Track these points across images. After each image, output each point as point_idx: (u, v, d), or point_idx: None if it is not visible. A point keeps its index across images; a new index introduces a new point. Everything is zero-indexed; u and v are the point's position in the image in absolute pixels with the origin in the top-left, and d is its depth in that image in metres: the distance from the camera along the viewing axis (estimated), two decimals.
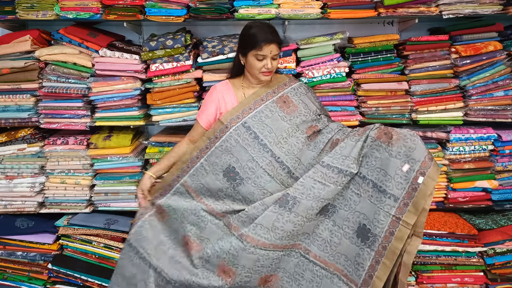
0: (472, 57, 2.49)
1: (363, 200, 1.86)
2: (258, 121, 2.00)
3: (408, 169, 1.79)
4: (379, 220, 1.80)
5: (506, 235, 2.50)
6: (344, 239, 1.88)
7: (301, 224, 1.88)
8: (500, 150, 2.58)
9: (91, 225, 2.61)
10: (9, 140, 2.58)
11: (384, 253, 1.79)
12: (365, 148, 1.88)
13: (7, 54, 2.55)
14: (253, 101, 2.04)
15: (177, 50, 2.49)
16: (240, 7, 2.47)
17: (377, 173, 1.84)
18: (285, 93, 2.08)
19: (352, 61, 2.57)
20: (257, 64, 2.00)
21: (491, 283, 2.55)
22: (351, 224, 1.88)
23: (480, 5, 2.47)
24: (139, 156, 2.68)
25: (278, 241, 1.88)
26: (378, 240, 1.80)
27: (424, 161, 1.79)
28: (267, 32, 1.98)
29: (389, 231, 1.79)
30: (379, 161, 1.84)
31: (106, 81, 2.53)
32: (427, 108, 2.57)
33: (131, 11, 2.47)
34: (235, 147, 1.98)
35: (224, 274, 1.91)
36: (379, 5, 2.49)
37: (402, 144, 1.81)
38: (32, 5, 2.49)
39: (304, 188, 1.88)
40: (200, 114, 2.15)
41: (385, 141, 1.84)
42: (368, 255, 1.82)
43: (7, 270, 2.69)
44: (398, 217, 1.78)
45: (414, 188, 1.78)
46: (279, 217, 1.87)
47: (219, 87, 2.15)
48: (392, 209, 1.79)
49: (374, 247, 1.81)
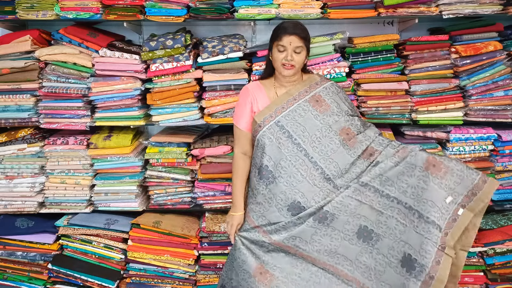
0: (472, 57, 2.49)
1: (409, 230, 1.89)
2: (292, 120, 2.02)
3: (451, 201, 1.85)
4: (427, 250, 1.83)
5: (506, 235, 2.50)
6: (388, 268, 1.91)
7: (338, 239, 1.95)
8: (500, 150, 2.58)
9: (91, 225, 2.61)
10: (9, 140, 2.58)
11: (431, 283, 1.81)
12: (407, 174, 1.92)
13: (7, 54, 2.55)
14: (285, 100, 2.06)
15: (177, 50, 2.49)
16: (240, 7, 2.47)
17: (423, 204, 1.87)
18: (317, 92, 2.08)
19: (352, 61, 2.57)
20: (278, 56, 2.01)
21: (491, 283, 2.55)
22: (395, 253, 1.91)
23: (480, 5, 2.47)
24: (139, 156, 2.68)
25: (315, 253, 1.97)
26: (425, 270, 1.82)
27: (466, 195, 1.85)
28: (290, 25, 2.02)
29: (436, 261, 1.82)
30: (426, 192, 1.87)
31: (106, 81, 2.53)
32: (427, 108, 2.57)
33: (131, 11, 2.47)
34: (268, 146, 2.01)
35: (260, 276, 2.00)
36: (379, 5, 2.49)
37: (450, 178, 1.87)
38: (32, 5, 2.49)
39: (341, 205, 1.95)
40: (237, 119, 2.13)
41: (433, 172, 1.88)
42: (414, 285, 1.83)
43: (7, 270, 2.69)
44: (443, 246, 1.82)
45: (454, 219, 1.84)
46: (317, 231, 1.96)
47: (251, 87, 2.15)
48: (438, 239, 1.83)
49: (420, 277, 1.83)
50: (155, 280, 2.66)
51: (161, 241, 2.60)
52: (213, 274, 2.66)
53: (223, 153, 2.59)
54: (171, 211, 2.74)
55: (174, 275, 2.64)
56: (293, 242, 1.99)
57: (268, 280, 1.99)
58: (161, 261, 2.61)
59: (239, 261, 2.05)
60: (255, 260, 2.02)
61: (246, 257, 2.03)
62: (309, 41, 2.05)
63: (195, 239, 2.60)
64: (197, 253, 2.63)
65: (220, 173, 2.61)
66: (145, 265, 2.63)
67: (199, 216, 2.80)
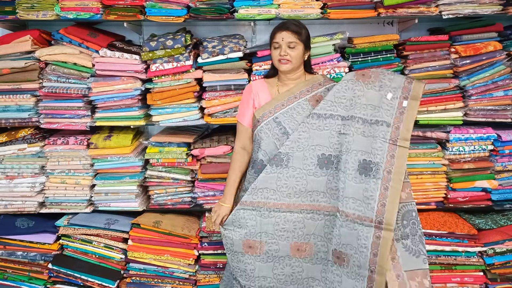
0: (472, 57, 2.49)
1: (357, 138, 1.95)
2: (289, 117, 2.05)
3: (392, 96, 1.94)
4: (377, 148, 1.91)
5: (506, 235, 2.50)
6: (348, 181, 1.94)
7: (302, 177, 1.97)
8: (500, 150, 2.59)
9: (91, 225, 2.61)
10: (9, 140, 2.58)
11: (390, 177, 1.87)
12: (342, 90, 2.01)
13: (8, 54, 2.55)
14: (286, 98, 2.09)
15: (177, 50, 2.50)
16: (240, 7, 2.47)
17: (364, 110, 1.95)
18: (319, 93, 2.11)
19: (352, 61, 2.57)
20: (274, 53, 2.07)
21: (491, 283, 2.55)
22: (350, 165, 1.95)
23: (480, 5, 2.47)
24: (139, 156, 2.68)
25: (287, 199, 1.99)
26: (381, 166, 1.88)
27: (404, 86, 1.95)
28: (285, 23, 2.09)
29: (390, 155, 1.88)
30: (363, 98, 1.97)
31: (106, 81, 2.53)
32: (427, 108, 2.57)
33: (131, 11, 2.48)
34: (264, 141, 2.05)
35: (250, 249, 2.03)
36: (379, 5, 2.49)
37: (382, 78, 1.98)
38: (32, 5, 2.49)
39: (291, 142, 2.00)
40: (240, 115, 2.20)
41: (364, 80, 1.99)
42: (375, 185, 1.88)
43: (7, 270, 2.69)
44: (394, 139, 1.90)
45: (402, 112, 1.92)
46: (279, 175, 1.99)
47: (254, 84, 2.21)
48: (387, 134, 1.91)
49: (379, 175, 1.89)
50: (155, 280, 2.66)
51: (161, 241, 2.60)
52: (213, 274, 2.66)
53: (223, 153, 2.60)
54: (171, 211, 2.74)
55: (174, 275, 2.64)
56: (261, 194, 2.01)
57: (259, 249, 2.04)
58: (161, 261, 2.61)
59: (228, 246, 2.09)
60: (239, 237, 2.05)
61: (232, 239, 2.06)
62: (306, 36, 2.07)
63: (195, 239, 2.61)
64: (197, 253, 2.63)
65: (220, 173, 2.61)
66: (145, 265, 2.63)
67: (199, 216, 2.80)
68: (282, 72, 2.10)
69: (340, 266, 1.98)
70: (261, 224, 2.03)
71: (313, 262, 2.06)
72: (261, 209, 2.02)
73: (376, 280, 1.88)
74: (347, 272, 1.96)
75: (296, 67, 2.09)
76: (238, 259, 2.08)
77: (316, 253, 2.04)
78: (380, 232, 1.87)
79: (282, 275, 2.06)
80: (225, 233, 2.09)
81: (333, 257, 2.01)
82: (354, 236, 1.91)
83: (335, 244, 1.99)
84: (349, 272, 1.96)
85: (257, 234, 2.04)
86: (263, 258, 2.05)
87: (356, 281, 1.93)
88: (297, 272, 2.06)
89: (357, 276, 1.93)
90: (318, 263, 2.05)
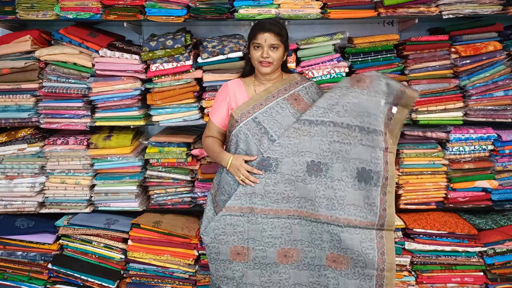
0: (472, 57, 2.49)
1: (354, 146, 1.95)
2: (269, 116, 2.04)
3: (384, 102, 1.95)
4: (377, 157, 1.93)
5: (506, 235, 2.50)
6: (347, 189, 1.95)
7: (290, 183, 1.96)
8: (500, 150, 2.58)
9: (91, 225, 2.61)
10: (9, 140, 2.58)
11: (387, 183, 1.94)
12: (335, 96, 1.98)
13: (7, 54, 2.55)
14: (264, 97, 2.08)
15: (177, 50, 2.49)
16: (240, 7, 2.47)
17: (360, 117, 1.94)
18: (297, 91, 2.11)
19: (352, 61, 2.57)
20: (254, 54, 2.05)
21: (491, 283, 2.55)
22: (349, 173, 1.95)
23: (480, 5, 2.47)
24: (139, 156, 2.68)
25: (274, 205, 1.97)
26: (381, 174, 1.93)
27: (396, 93, 1.95)
28: (265, 23, 2.05)
29: (385, 162, 1.94)
30: (359, 105, 1.95)
31: (106, 81, 2.53)
32: (427, 108, 2.57)
33: (131, 11, 2.47)
34: (244, 141, 2.03)
35: (238, 256, 2.01)
36: (379, 5, 2.49)
37: (377, 84, 1.95)
38: (32, 5, 2.49)
39: (280, 147, 1.97)
40: (212, 113, 2.19)
41: (360, 86, 1.96)
42: (375, 192, 1.92)
43: (7, 270, 2.69)
44: (387, 147, 1.95)
45: (390, 118, 1.96)
46: (267, 181, 1.97)
47: (230, 84, 2.18)
48: (382, 143, 1.94)
49: (379, 183, 1.93)
50: (155, 280, 2.65)
51: (161, 241, 2.60)
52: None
53: None
54: (171, 211, 2.74)
55: (174, 275, 2.64)
56: (249, 199, 1.98)
57: (247, 256, 2.02)
58: (161, 261, 2.61)
59: (213, 256, 2.05)
60: (226, 245, 2.03)
61: (218, 248, 2.04)
62: (286, 37, 2.07)
63: (195, 239, 2.60)
64: (197, 253, 2.63)
65: None
66: (145, 265, 2.62)
67: (199, 216, 2.80)
68: (262, 73, 2.08)
69: (336, 269, 1.98)
70: (248, 230, 2.00)
71: (300, 268, 2.04)
72: (248, 215, 1.99)
73: (386, 276, 1.93)
74: (346, 274, 1.96)
75: (276, 68, 2.09)
76: (225, 267, 2.05)
77: (302, 259, 2.03)
78: (382, 233, 1.93)
79: (269, 282, 2.04)
80: (209, 244, 2.04)
81: (327, 262, 1.99)
82: (356, 240, 1.92)
83: (331, 249, 1.97)
84: (349, 273, 1.96)
85: (244, 240, 2.01)
86: (250, 265, 2.03)
87: (361, 281, 1.95)
88: (284, 279, 2.04)
89: (362, 276, 1.94)
90: (304, 269, 2.04)
